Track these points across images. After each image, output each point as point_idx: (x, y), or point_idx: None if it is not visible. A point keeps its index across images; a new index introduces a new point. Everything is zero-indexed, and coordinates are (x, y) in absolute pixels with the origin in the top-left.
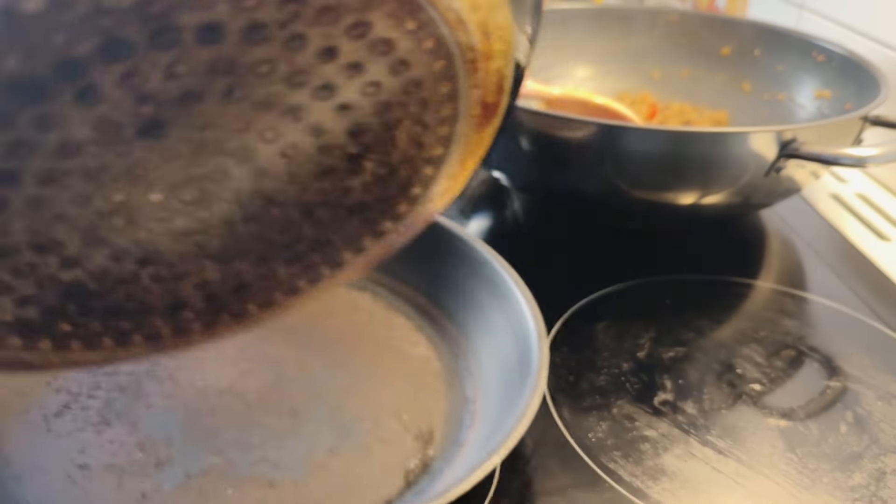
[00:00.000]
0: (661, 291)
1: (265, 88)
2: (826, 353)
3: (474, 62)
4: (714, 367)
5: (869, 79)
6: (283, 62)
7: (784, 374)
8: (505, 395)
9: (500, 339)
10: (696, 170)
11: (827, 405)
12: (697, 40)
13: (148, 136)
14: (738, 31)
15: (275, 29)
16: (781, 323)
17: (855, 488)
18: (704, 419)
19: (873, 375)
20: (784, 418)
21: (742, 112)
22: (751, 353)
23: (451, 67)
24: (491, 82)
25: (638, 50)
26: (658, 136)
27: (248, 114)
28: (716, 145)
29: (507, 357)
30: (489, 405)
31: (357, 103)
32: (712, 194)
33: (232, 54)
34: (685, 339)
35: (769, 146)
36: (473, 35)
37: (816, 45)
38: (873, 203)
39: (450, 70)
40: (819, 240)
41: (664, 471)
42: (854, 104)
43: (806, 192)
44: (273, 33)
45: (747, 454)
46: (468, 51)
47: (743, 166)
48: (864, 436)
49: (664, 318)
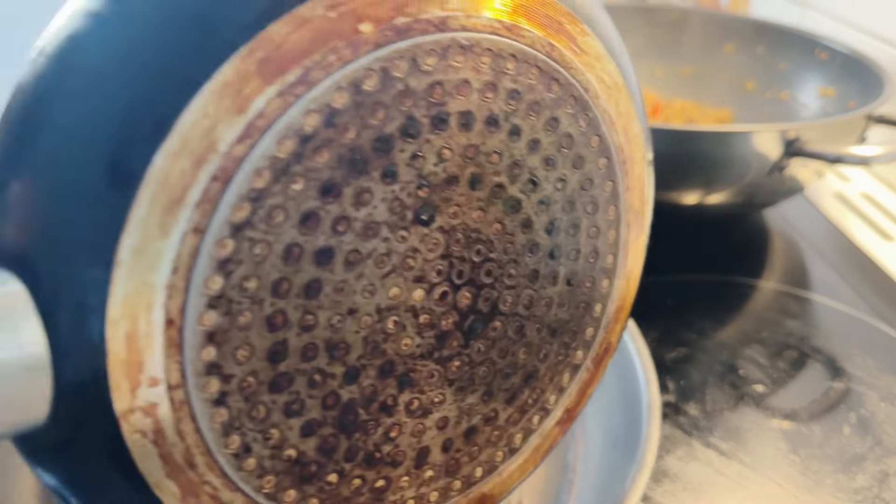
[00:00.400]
0: (664, 292)
1: (497, 178)
2: (829, 353)
3: (625, 163)
4: (716, 369)
5: (873, 77)
6: (505, 160)
7: (787, 375)
8: (607, 470)
9: (609, 402)
10: (698, 169)
11: (830, 406)
12: (700, 38)
13: (420, 221)
14: (740, 28)
15: (502, 120)
16: (784, 323)
17: (858, 490)
18: (707, 421)
19: (877, 377)
20: (787, 420)
21: (745, 110)
22: (753, 354)
23: (611, 166)
24: (637, 188)
25: (640, 47)
26: (660, 135)
27: (484, 202)
28: (719, 144)
29: (615, 424)
30: (589, 478)
31: (552, 198)
32: (715, 193)
33: (477, 142)
34: (687, 339)
35: (772, 145)
36: (621, 136)
37: (820, 42)
38: (877, 202)
39: (611, 169)
40: (822, 239)
41: (666, 473)
42: (858, 102)
43: (809, 191)
44: (501, 124)
45: (750, 456)
46: (620, 151)
47: (746, 165)
48: (867, 437)
49: (666, 319)
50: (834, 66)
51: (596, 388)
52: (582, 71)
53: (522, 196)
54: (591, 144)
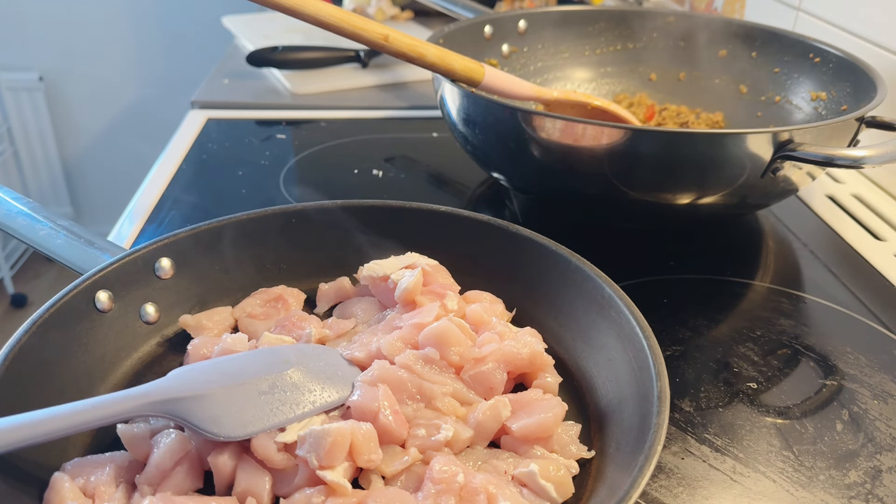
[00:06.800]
0: (659, 290)
1: None
2: (822, 351)
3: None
4: (711, 366)
5: (865, 80)
6: None
7: (780, 372)
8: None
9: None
10: (693, 171)
11: (823, 403)
12: (695, 42)
13: None
14: (735, 33)
15: None
16: (778, 322)
17: (851, 486)
18: (701, 417)
19: (869, 374)
20: (780, 416)
21: (739, 113)
22: (747, 352)
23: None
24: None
25: (636, 52)
26: (656, 138)
27: None
28: (713, 146)
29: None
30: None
31: None
32: (709, 195)
33: None
34: (682, 337)
35: (766, 147)
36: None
37: (813, 47)
38: (869, 204)
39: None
40: (815, 240)
41: (661, 468)
42: (850, 106)
43: (802, 192)
44: None
45: (744, 451)
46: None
47: (740, 167)
48: (859, 434)
49: (661, 318)
50: (827, 70)
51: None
52: None
53: None
54: None
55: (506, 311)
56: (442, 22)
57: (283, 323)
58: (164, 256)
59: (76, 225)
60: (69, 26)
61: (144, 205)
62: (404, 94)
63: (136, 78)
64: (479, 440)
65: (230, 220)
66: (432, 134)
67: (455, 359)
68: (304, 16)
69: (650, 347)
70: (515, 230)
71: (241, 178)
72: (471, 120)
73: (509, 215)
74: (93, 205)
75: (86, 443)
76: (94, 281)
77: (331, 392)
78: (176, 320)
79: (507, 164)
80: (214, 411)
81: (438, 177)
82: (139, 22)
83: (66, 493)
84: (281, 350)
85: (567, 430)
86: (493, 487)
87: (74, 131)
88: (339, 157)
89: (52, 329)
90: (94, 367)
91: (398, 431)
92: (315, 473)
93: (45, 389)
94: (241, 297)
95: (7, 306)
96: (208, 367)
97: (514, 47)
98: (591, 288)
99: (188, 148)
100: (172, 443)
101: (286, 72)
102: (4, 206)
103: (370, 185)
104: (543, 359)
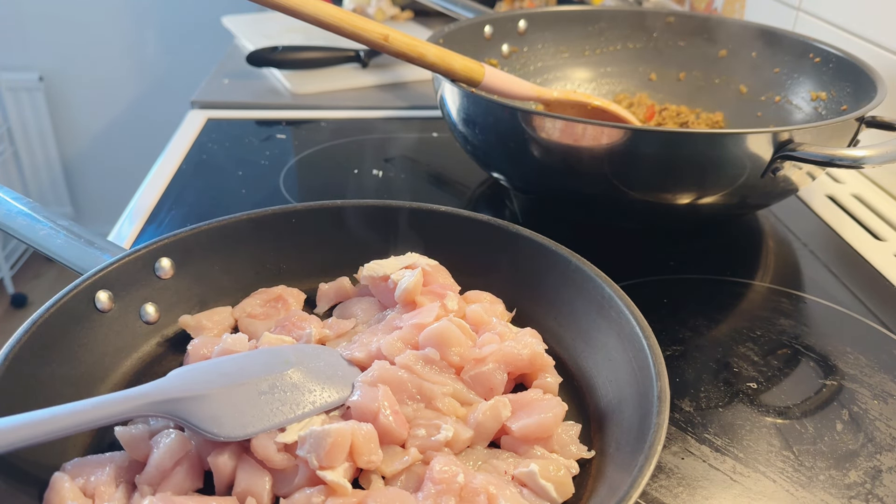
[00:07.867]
0: (659, 291)
1: None
2: (822, 351)
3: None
4: (711, 366)
5: (865, 80)
6: None
7: (780, 372)
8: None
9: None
10: (693, 171)
11: (823, 403)
12: (695, 42)
13: None
14: (734, 32)
15: None
16: (778, 322)
17: (851, 486)
18: (701, 417)
19: (869, 374)
20: (780, 416)
21: (739, 113)
22: (747, 352)
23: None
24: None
25: (636, 52)
26: (656, 138)
27: None
28: (713, 146)
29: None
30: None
31: None
32: (709, 195)
33: None
34: (682, 337)
35: (766, 147)
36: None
37: (813, 47)
38: (869, 204)
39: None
40: (815, 240)
41: (661, 467)
42: (850, 106)
43: (802, 192)
44: None
45: (744, 451)
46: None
47: (740, 167)
48: (859, 434)
49: (661, 318)
50: (827, 70)
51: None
52: None
53: None
54: None
55: (506, 312)
56: (442, 22)
57: (283, 323)
58: (164, 256)
59: (76, 225)
60: (69, 26)
61: (144, 205)
62: (404, 94)
63: (136, 78)
64: (480, 440)
65: (230, 220)
66: (432, 134)
67: (455, 359)
68: (304, 16)
69: (650, 347)
70: (515, 230)
71: (241, 178)
72: (471, 120)
73: (509, 215)
74: (93, 205)
75: (86, 443)
76: (94, 281)
77: (331, 392)
78: (176, 320)
79: (507, 164)
80: (214, 411)
81: (438, 177)
82: (139, 22)
83: (66, 493)
84: (281, 350)
85: (567, 430)
86: (493, 487)
87: (74, 131)
88: (339, 157)
89: (52, 329)
90: (94, 367)
91: (398, 432)
92: (315, 473)
93: (45, 389)
94: (241, 297)
95: (7, 306)
96: (208, 368)
97: (514, 47)
98: (591, 288)
99: (188, 148)
100: (172, 443)
101: (286, 72)
102: (4, 206)
103: (370, 185)
104: (544, 359)
